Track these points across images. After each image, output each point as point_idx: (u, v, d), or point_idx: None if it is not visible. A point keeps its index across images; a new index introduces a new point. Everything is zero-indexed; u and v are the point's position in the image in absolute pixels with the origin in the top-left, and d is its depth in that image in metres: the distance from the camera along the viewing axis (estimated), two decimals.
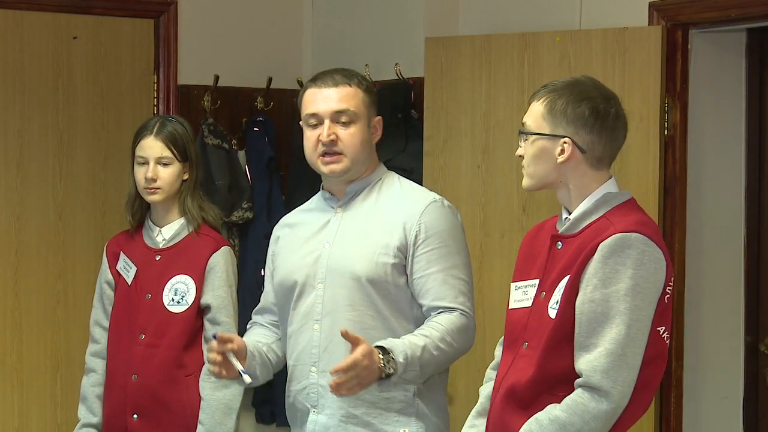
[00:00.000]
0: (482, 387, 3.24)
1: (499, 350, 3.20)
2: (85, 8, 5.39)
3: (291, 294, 3.51)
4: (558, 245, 3.03)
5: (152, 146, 4.04)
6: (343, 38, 5.71)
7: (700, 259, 4.69)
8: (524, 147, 3.06)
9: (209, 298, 4.00)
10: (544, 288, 3.02)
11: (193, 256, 4.03)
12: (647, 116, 4.52)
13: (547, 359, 2.94)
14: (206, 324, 4.01)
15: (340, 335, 3.19)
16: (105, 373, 4.12)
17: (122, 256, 4.12)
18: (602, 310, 2.88)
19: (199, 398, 4.00)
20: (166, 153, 4.04)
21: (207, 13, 5.67)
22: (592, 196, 3.02)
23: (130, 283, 4.08)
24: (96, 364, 4.15)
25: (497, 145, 4.86)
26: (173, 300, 4.02)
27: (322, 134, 3.43)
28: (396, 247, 3.40)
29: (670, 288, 2.96)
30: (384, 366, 3.17)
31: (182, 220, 4.09)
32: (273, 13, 5.81)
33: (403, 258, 3.40)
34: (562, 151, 2.99)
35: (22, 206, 5.33)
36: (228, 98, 5.64)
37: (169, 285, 4.03)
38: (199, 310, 4.01)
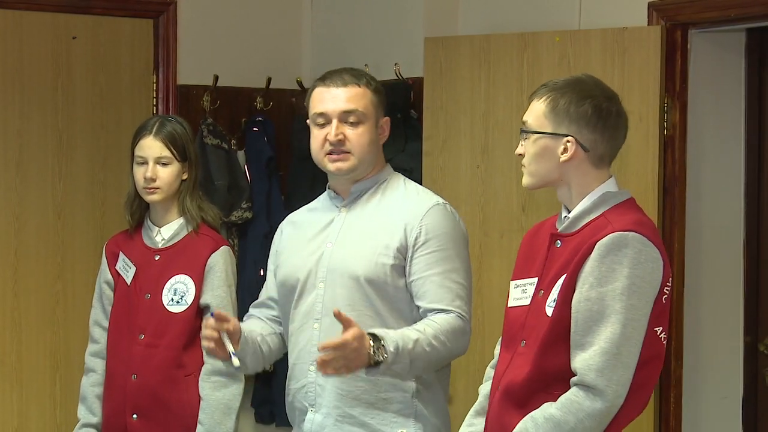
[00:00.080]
0: (481, 386, 3.24)
1: (499, 349, 3.19)
2: (84, 8, 5.39)
3: (293, 292, 3.51)
4: (557, 244, 3.03)
5: (151, 146, 4.04)
6: (342, 38, 5.71)
7: (699, 259, 4.69)
8: (525, 145, 3.05)
9: (209, 297, 4.00)
10: (542, 286, 3.02)
11: (192, 256, 4.03)
12: (646, 116, 4.52)
13: (544, 357, 2.95)
14: None
15: (338, 331, 3.19)
16: (104, 373, 4.13)
17: (121, 256, 4.12)
18: (598, 308, 2.88)
19: (199, 398, 4.00)
20: (166, 153, 4.03)
21: (206, 13, 5.67)
22: (591, 194, 3.02)
23: (129, 283, 4.08)
24: (95, 364, 4.15)
25: (496, 145, 4.87)
26: (172, 300, 4.02)
27: (330, 134, 3.43)
28: (396, 248, 3.40)
29: (668, 288, 2.95)
30: (374, 353, 3.12)
31: (181, 220, 4.09)
32: (272, 13, 5.81)
33: (403, 259, 3.40)
34: (565, 149, 2.99)
35: (22, 206, 5.33)
36: (227, 98, 5.64)
37: (168, 285, 4.03)
38: (198, 310, 4.01)
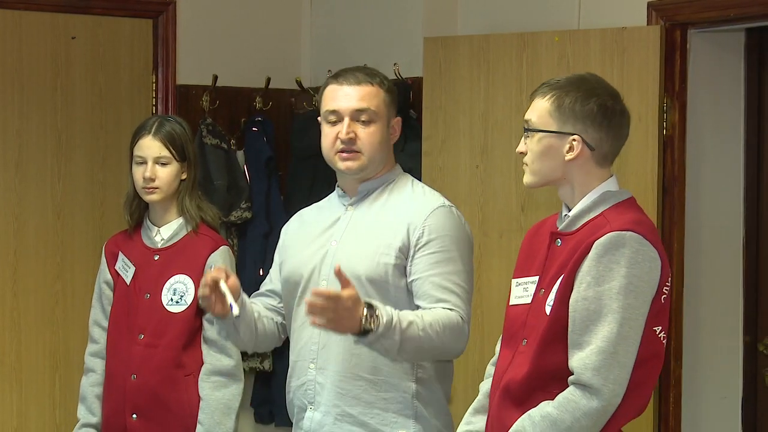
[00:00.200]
0: (482, 383, 3.24)
1: (500, 346, 3.19)
2: (83, 8, 5.39)
3: (296, 289, 3.51)
4: (557, 242, 3.03)
5: (150, 146, 4.03)
6: (341, 38, 5.71)
7: (698, 258, 4.69)
8: (528, 144, 3.05)
9: None
10: (543, 285, 3.02)
11: (191, 256, 4.03)
12: (646, 116, 4.52)
13: (542, 356, 2.95)
14: (205, 324, 4.01)
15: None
16: (104, 373, 4.12)
17: (121, 256, 4.12)
18: (595, 308, 2.88)
19: (198, 398, 4.00)
20: (165, 153, 4.03)
21: (206, 13, 5.67)
22: (591, 193, 3.02)
23: (128, 283, 4.08)
24: (95, 364, 4.15)
25: (496, 145, 4.87)
26: (172, 300, 4.02)
27: (341, 132, 3.43)
28: (398, 247, 3.39)
29: (666, 288, 2.95)
30: (365, 321, 3.09)
31: (181, 220, 4.09)
32: (272, 13, 5.81)
33: (404, 259, 3.39)
34: (571, 148, 2.99)
35: (21, 206, 5.33)
36: (227, 98, 5.64)
37: (167, 285, 4.03)
38: (197, 310, 4.00)
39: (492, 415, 3.08)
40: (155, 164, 4.02)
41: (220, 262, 4.02)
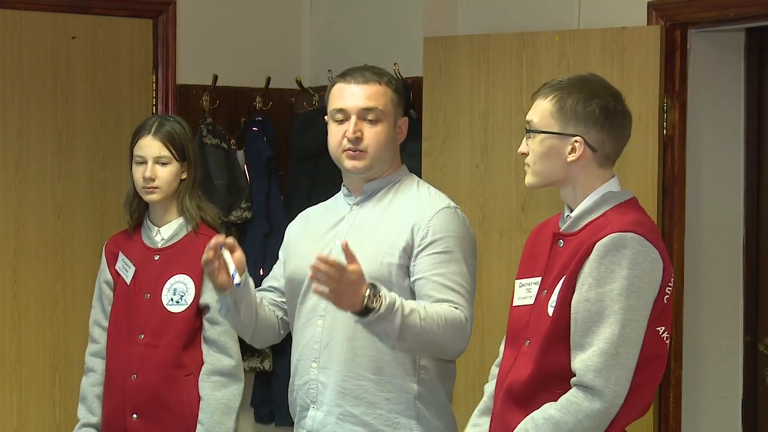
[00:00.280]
0: (487, 384, 3.23)
1: (503, 347, 3.19)
2: (83, 8, 5.39)
3: (299, 287, 3.51)
4: (559, 243, 3.03)
5: (150, 146, 4.03)
6: (341, 38, 5.71)
7: (698, 258, 4.70)
8: (530, 145, 3.05)
9: (208, 297, 3.99)
10: (545, 286, 3.02)
11: (191, 256, 4.02)
12: (646, 116, 4.52)
13: (545, 357, 2.95)
14: (205, 324, 4.01)
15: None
16: (104, 373, 4.12)
17: (121, 256, 4.12)
18: (597, 309, 2.88)
19: (199, 398, 4.00)
20: (165, 152, 4.03)
21: (206, 13, 5.67)
22: (593, 194, 3.02)
23: (129, 283, 4.08)
24: (95, 364, 4.15)
25: (496, 145, 4.87)
26: (172, 300, 4.02)
27: (348, 130, 3.42)
28: (402, 247, 3.38)
29: (669, 288, 2.95)
30: (368, 299, 3.07)
31: (181, 220, 4.09)
32: (272, 13, 5.81)
33: (408, 259, 3.38)
34: (573, 150, 2.99)
35: (21, 206, 5.33)
36: (227, 98, 5.64)
37: (168, 285, 4.03)
38: (198, 310, 4.01)
39: (495, 416, 3.08)
40: (155, 164, 4.02)
41: None
